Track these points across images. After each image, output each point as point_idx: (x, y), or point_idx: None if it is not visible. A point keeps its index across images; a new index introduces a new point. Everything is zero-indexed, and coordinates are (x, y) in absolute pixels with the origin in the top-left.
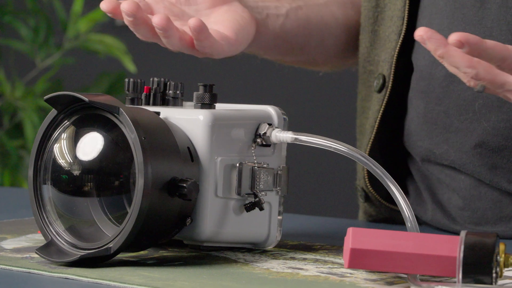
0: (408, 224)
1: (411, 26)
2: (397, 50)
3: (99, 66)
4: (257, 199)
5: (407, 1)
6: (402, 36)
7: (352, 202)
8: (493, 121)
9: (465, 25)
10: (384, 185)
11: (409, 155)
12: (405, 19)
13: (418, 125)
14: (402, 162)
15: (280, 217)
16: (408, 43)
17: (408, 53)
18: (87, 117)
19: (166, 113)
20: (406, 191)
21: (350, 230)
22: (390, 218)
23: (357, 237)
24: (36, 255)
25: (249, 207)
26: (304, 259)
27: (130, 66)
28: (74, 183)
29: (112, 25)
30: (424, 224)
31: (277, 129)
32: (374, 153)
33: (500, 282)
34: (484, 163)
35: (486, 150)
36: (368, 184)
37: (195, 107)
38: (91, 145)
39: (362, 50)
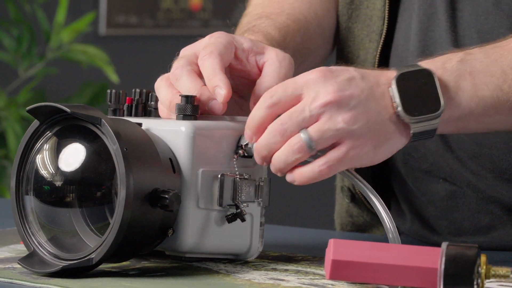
0: (390, 235)
1: (390, 27)
2: (379, 50)
3: (81, 76)
4: (239, 210)
5: (387, 1)
6: (383, 37)
7: (333, 213)
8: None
9: (440, 30)
10: (364, 195)
11: (389, 163)
12: (386, 19)
13: None
14: (382, 173)
15: (261, 228)
16: (387, 44)
17: (387, 54)
18: (69, 128)
19: (148, 124)
20: (386, 201)
21: (331, 242)
22: (369, 224)
23: (338, 248)
24: (19, 266)
25: (230, 218)
26: (286, 270)
27: (113, 77)
28: (56, 193)
29: (95, 36)
30: (403, 235)
31: None
32: None
33: None
34: (462, 167)
35: (464, 154)
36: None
37: (177, 118)
38: (73, 156)
39: (337, 46)
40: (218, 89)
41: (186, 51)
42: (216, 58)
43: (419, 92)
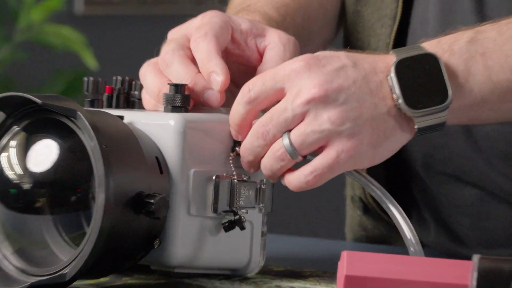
0: (411, 249)
1: (405, 10)
2: (393, 37)
3: (55, 62)
4: (237, 217)
5: None
6: (397, 21)
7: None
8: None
9: (464, 12)
10: (378, 200)
11: (407, 165)
12: (400, 1)
13: None
14: (399, 174)
15: (263, 239)
16: (401, 29)
17: (402, 41)
18: (40, 122)
19: (131, 117)
20: (405, 209)
21: (344, 254)
22: (387, 236)
23: (353, 262)
24: None
25: (227, 227)
26: (292, 287)
27: (91, 62)
28: (24, 198)
29: (70, 15)
30: (426, 247)
31: None
32: None
33: None
34: (492, 170)
35: (494, 155)
36: (367, 194)
37: (165, 110)
38: (44, 154)
39: (344, 32)
40: (215, 76)
41: (176, 34)
42: (212, 41)
43: (423, 80)
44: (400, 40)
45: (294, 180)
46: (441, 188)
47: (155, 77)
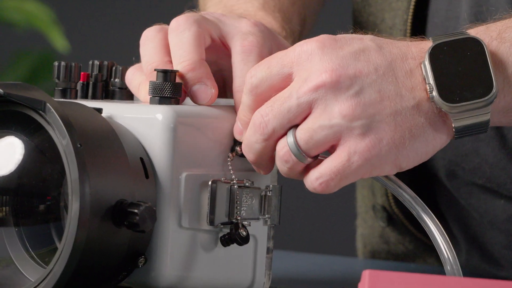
0: (448, 267)
1: None
2: (411, 12)
3: (16, 42)
4: (237, 230)
5: None
6: None
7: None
8: None
9: None
10: (412, 210)
11: (430, 174)
12: None
13: None
14: (423, 185)
15: (269, 256)
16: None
17: (423, 16)
18: (1, 116)
19: (111, 110)
20: None
21: (366, 274)
22: (412, 253)
23: (376, 283)
24: None
25: (226, 242)
26: None
27: (60, 43)
28: None
29: None
30: None
31: None
32: None
33: None
34: None
35: None
36: (392, 203)
37: (151, 101)
38: (7, 154)
39: (354, 6)
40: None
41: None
42: (258, 55)
43: (463, 69)
44: (420, 16)
45: (307, 183)
46: (471, 201)
47: (159, 49)
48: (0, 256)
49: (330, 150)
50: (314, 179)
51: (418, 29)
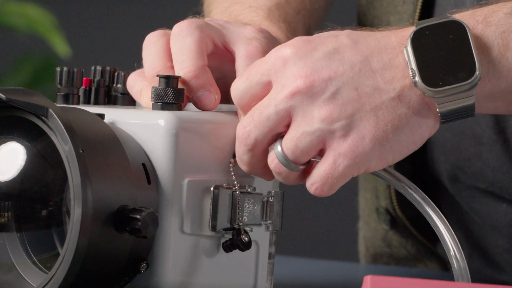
0: (455, 265)
1: None
2: (417, 16)
3: (18, 47)
4: (239, 236)
5: None
6: None
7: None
8: None
9: None
10: (417, 206)
11: (433, 178)
12: None
13: (441, 132)
14: (425, 189)
15: (270, 262)
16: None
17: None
18: (3, 121)
19: (113, 115)
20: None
21: (368, 279)
22: (414, 257)
23: None
24: None
25: (228, 248)
26: None
27: (62, 48)
28: None
29: None
30: None
31: None
32: None
33: None
34: None
35: None
36: (395, 206)
37: (154, 107)
38: (9, 160)
39: (358, 8)
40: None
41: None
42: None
43: (445, 53)
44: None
45: (307, 188)
46: (473, 205)
47: (161, 55)
48: (2, 261)
49: (320, 154)
50: (310, 185)
51: None
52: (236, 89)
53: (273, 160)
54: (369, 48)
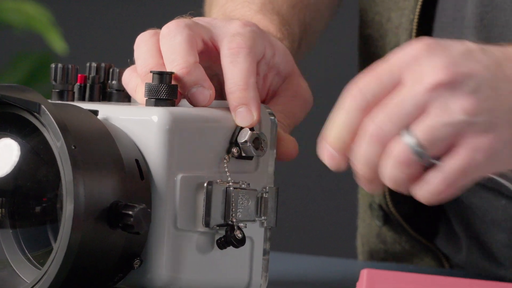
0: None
1: None
2: (417, 12)
3: (14, 44)
4: (233, 232)
5: None
6: None
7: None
8: None
9: None
10: None
11: None
12: None
13: None
14: None
15: (265, 258)
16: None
17: (430, 16)
18: None
19: (107, 112)
20: (434, 221)
21: (364, 273)
22: (409, 253)
23: (374, 281)
24: None
25: (222, 244)
26: None
27: (58, 44)
28: None
29: None
30: (457, 267)
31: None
32: None
33: None
34: None
35: None
36: (388, 202)
37: (147, 103)
38: (3, 156)
39: (360, 3)
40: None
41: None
42: (252, 62)
43: None
44: (427, 16)
45: (425, 192)
46: (473, 200)
47: (153, 53)
48: None
49: (445, 153)
50: (440, 181)
51: (424, 29)
52: (366, 92)
53: (403, 152)
54: (495, 55)
